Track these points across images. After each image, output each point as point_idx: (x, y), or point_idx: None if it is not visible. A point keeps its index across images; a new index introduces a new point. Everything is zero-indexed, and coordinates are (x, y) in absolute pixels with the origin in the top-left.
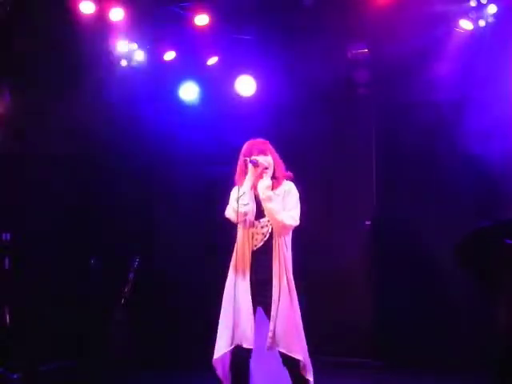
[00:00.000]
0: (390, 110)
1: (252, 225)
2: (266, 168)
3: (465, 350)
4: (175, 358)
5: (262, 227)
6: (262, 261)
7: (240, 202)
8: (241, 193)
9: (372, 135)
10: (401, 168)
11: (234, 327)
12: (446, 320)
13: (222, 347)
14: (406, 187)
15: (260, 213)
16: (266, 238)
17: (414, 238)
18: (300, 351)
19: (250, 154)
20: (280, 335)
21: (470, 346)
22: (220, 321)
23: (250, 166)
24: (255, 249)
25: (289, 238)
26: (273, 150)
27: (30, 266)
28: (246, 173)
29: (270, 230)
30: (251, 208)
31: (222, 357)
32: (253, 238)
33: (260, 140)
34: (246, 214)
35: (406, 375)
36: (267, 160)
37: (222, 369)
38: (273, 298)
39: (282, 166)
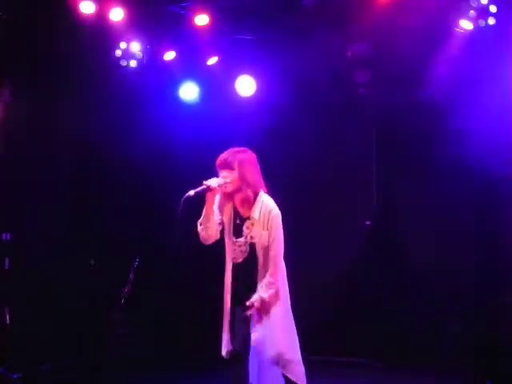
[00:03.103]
0: (390, 110)
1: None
2: (227, 183)
3: (465, 350)
4: (175, 358)
5: (239, 245)
6: (243, 275)
7: (200, 226)
8: (201, 218)
9: (372, 135)
10: (401, 168)
11: (223, 337)
12: (446, 320)
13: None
14: (405, 187)
15: (236, 232)
16: (245, 256)
17: (414, 238)
18: (287, 364)
19: (218, 168)
20: (266, 348)
21: (470, 346)
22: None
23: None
24: (237, 262)
25: None
26: (242, 162)
27: (30, 266)
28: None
29: (247, 249)
30: (211, 232)
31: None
32: (234, 252)
33: (229, 151)
34: (209, 236)
35: (406, 375)
36: (230, 175)
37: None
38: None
39: (252, 179)
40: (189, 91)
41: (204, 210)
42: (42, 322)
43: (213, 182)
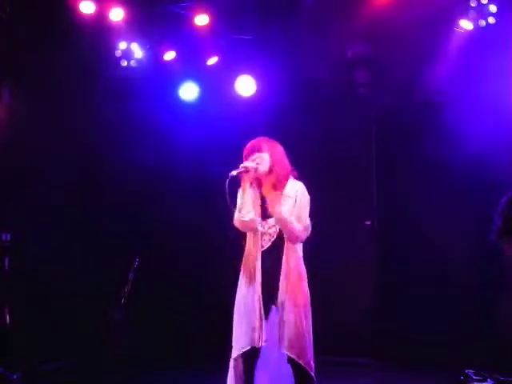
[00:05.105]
0: (389, 110)
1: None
2: (258, 164)
3: (465, 349)
4: (175, 358)
5: (269, 227)
6: (270, 262)
7: (243, 212)
8: (239, 203)
9: (372, 135)
10: (401, 168)
11: (248, 329)
12: (447, 320)
13: (239, 347)
14: (406, 187)
15: (267, 213)
16: (273, 239)
17: (414, 238)
18: (308, 355)
19: (247, 154)
20: (288, 340)
21: (471, 346)
22: (234, 322)
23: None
24: (263, 249)
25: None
26: (273, 147)
27: (30, 266)
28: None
29: (277, 231)
30: (253, 216)
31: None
32: (261, 238)
33: (259, 138)
34: (252, 221)
35: (406, 375)
36: (261, 157)
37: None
38: (279, 300)
39: (283, 162)
40: (189, 91)
41: (242, 196)
42: (41, 321)
43: (249, 164)
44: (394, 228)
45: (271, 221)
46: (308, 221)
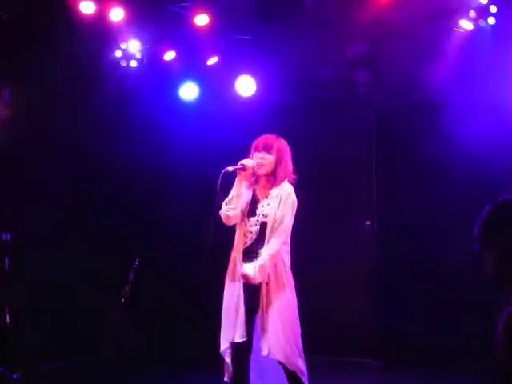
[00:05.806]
0: (389, 110)
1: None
2: (262, 165)
3: (465, 350)
4: (175, 358)
5: (250, 226)
6: (249, 260)
7: (229, 206)
8: (229, 197)
9: (372, 135)
10: (401, 168)
11: (227, 326)
12: (446, 320)
13: (221, 343)
14: (406, 187)
15: (250, 211)
16: (254, 237)
17: (414, 238)
18: (293, 358)
19: (256, 149)
20: (273, 344)
21: (471, 346)
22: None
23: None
24: (245, 248)
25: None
26: (282, 150)
27: (30, 266)
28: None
29: (258, 230)
30: (237, 212)
31: (224, 351)
32: (244, 236)
33: (271, 136)
34: (235, 216)
35: (406, 375)
36: (267, 158)
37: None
38: (260, 303)
39: (286, 166)
40: (189, 91)
41: (234, 190)
42: (41, 321)
43: (248, 162)
44: (394, 228)
45: (253, 219)
46: (288, 223)
